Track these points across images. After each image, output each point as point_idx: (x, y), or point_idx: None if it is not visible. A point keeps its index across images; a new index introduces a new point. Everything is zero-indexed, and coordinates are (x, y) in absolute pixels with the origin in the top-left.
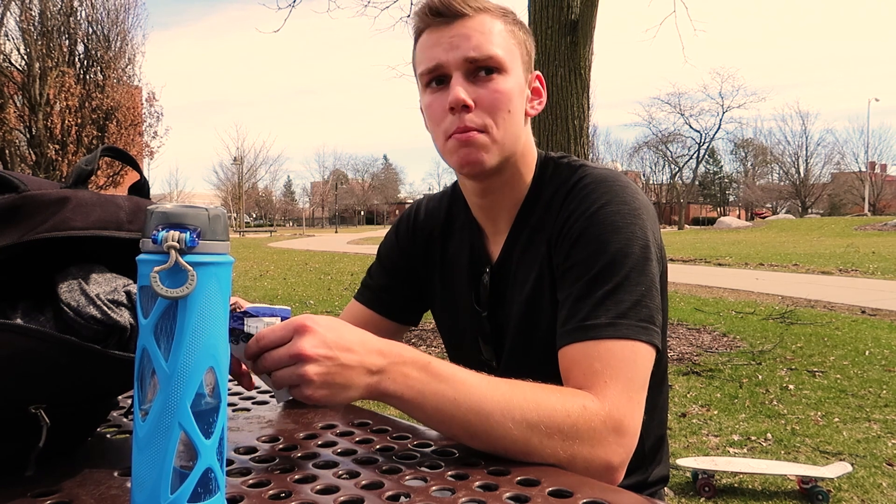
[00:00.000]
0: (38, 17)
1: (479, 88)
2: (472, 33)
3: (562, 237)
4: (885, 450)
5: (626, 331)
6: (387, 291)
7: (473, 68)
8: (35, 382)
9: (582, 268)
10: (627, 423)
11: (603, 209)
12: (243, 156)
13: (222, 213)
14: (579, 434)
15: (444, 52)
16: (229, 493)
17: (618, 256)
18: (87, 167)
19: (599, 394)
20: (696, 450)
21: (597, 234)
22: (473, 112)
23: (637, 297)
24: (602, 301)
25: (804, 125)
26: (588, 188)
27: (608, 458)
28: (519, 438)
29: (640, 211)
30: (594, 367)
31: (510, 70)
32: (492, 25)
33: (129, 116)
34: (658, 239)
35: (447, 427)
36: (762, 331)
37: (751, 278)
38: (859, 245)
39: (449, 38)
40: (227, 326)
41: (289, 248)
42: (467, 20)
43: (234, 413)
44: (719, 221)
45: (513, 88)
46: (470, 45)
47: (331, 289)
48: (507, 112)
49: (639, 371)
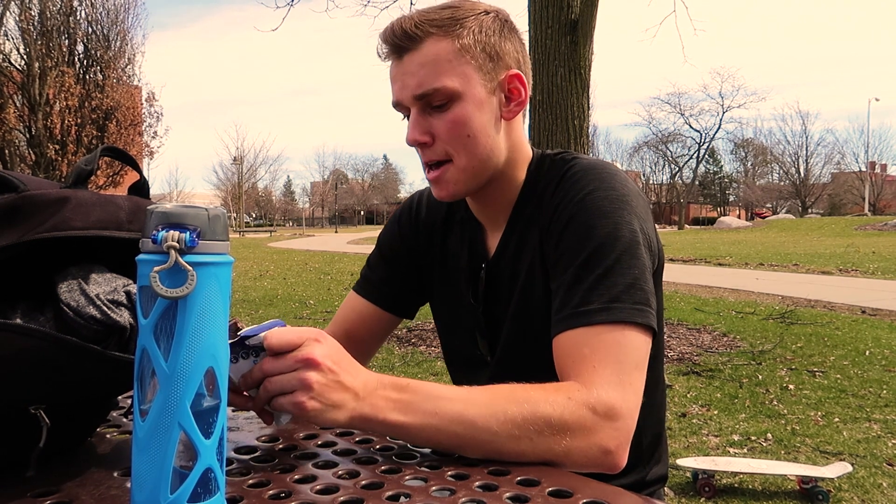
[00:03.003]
0: (38, 16)
1: (434, 120)
2: (416, 69)
3: (552, 226)
4: (886, 450)
5: (620, 314)
6: (387, 283)
7: (425, 103)
8: (35, 382)
9: (572, 254)
10: (619, 405)
11: (591, 195)
12: (243, 156)
13: (222, 213)
14: (568, 426)
15: (399, 90)
16: (229, 493)
17: (607, 240)
18: (87, 167)
19: (586, 381)
20: (696, 450)
21: (584, 219)
22: (434, 145)
23: (630, 279)
24: (594, 286)
25: (804, 125)
26: (576, 176)
27: (603, 443)
28: (508, 440)
29: (629, 197)
30: (583, 352)
31: (463, 93)
32: (437, 51)
33: (129, 116)
34: (649, 228)
35: (436, 442)
36: (762, 331)
37: (751, 278)
38: (859, 245)
39: (401, 76)
40: (227, 326)
41: (289, 248)
42: (413, 54)
43: (234, 413)
44: (719, 221)
45: (469, 112)
46: (416, 81)
47: (331, 289)
48: (468, 137)
49: (630, 353)
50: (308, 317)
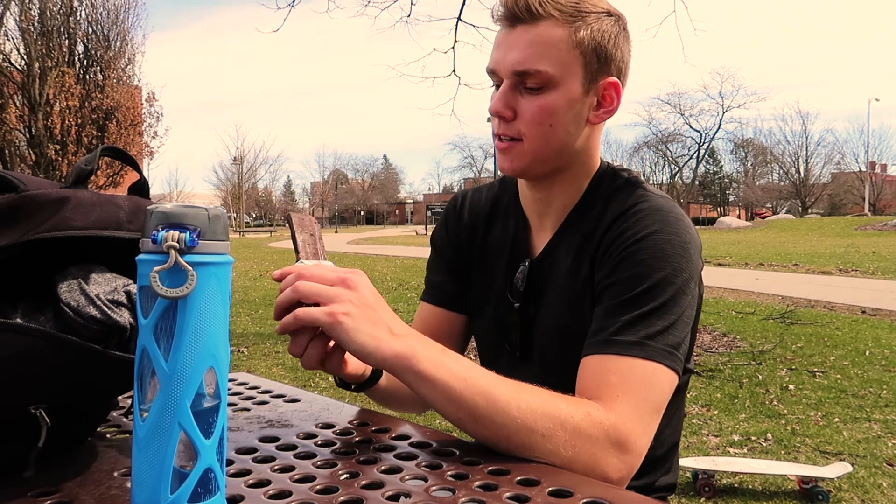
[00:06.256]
0: (38, 16)
1: (523, 100)
2: (526, 45)
3: (608, 255)
4: (886, 450)
5: (651, 352)
6: (446, 283)
7: (521, 80)
8: (35, 382)
9: (622, 287)
10: (633, 440)
11: (654, 235)
12: (243, 156)
13: (222, 212)
14: (580, 437)
15: (499, 58)
16: (229, 493)
17: (660, 283)
18: (87, 167)
19: (608, 405)
20: (697, 450)
21: (643, 258)
22: (512, 122)
23: (668, 323)
24: (634, 321)
25: (804, 125)
26: (643, 212)
27: (606, 471)
28: (521, 429)
29: (689, 245)
30: (610, 379)
31: (560, 83)
32: (550, 35)
33: (129, 116)
34: (699, 275)
35: (453, 406)
36: (762, 331)
37: (751, 278)
38: (859, 245)
39: (507, 46)
40: (227, 326)
41: (289, 248)
42: (528, 28)
43: (234, 413)
44: (719, 221)
45: (559, 103)
46: (520, 57)
47: None
48: (548, 126)
49: (655, 394)
50: None
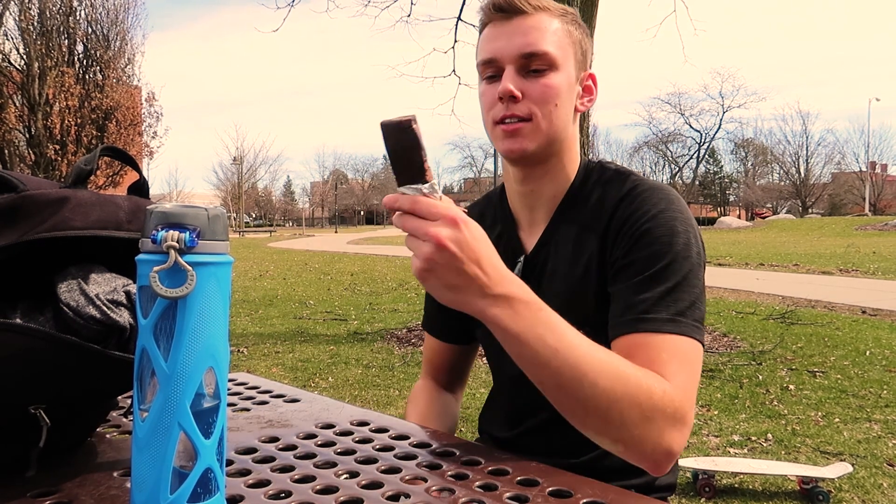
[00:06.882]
0: (38, 16)
1: (528, 82)
2: (528, 30)
3: (621, 235)
4: (886, 450)
5: (685, 328)
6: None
7: (526, 63)
8: (35, 382)
9: (642, 264)
10: (690, 415)
11: (664, 213)
12: (243, 156)
13: (222, 212)
14: (655, 415)
15: (501, 46)
16: (229, 493)
17: (678, 258)
18: (87, 167)
19: (671, 382)
20: (697, 450)
21: (659, 234)
22: (521, 102)
23: (693, 297)
24: (662, 297)
25: (804, 125)
26: (647, 192)
27: (672, 445)
28: (602, 405)
29: (692, 221)
30: (661, 356)
31: (561, 67)
32: (549, 24)
33: (129, 116)
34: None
35: (538, 372)
36: (762, 331)
37: (751, 278)
38: (860, 245)
39: (506, 34)
40: (226, 326)
41: (288, 248)
42: (526, 17)
43: (234, 413)
44: (719, 221)
45: (562, 84)
46: (525, 41)
47: (330, 289)
48: (554, 105)
49: (697, 367)
50: (308, 317)
